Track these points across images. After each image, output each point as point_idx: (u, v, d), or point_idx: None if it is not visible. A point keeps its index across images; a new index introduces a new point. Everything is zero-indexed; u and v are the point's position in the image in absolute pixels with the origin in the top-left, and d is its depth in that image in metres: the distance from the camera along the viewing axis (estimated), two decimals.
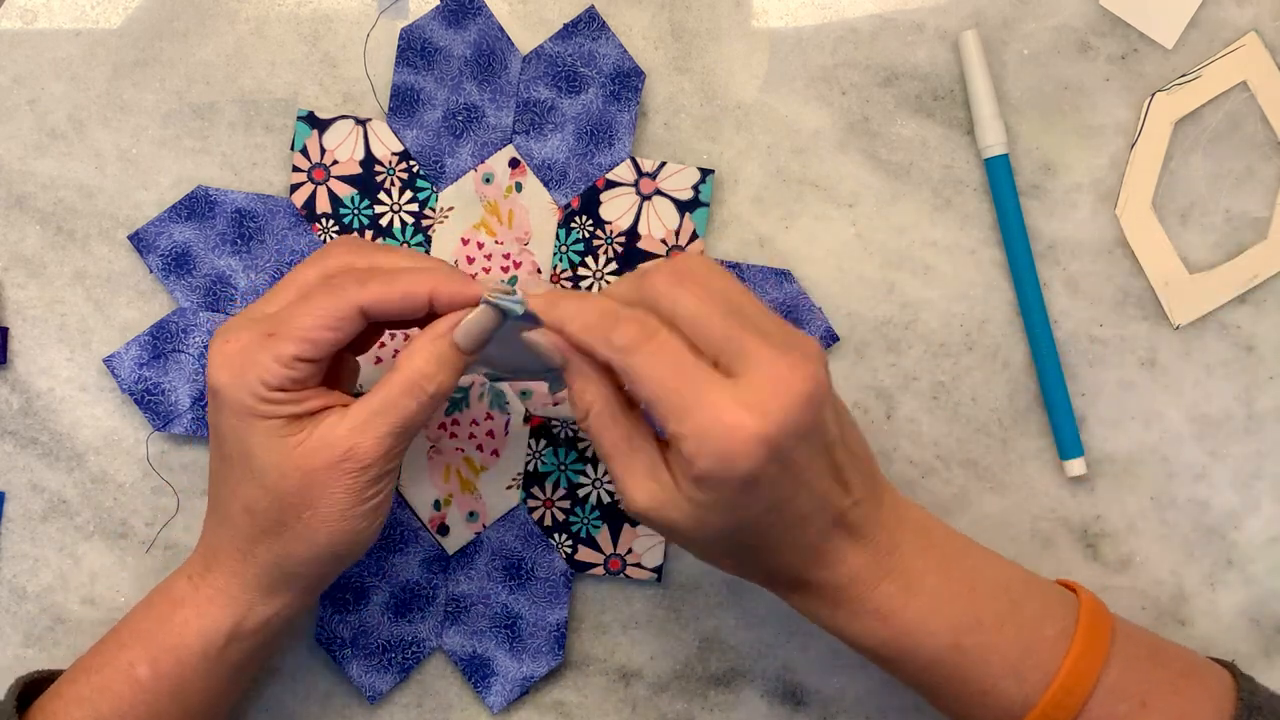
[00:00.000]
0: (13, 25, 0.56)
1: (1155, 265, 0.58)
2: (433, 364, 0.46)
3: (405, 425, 0.46)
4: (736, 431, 0.41)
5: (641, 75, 0.56)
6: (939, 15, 0.58)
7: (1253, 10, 0.58)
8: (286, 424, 0.46)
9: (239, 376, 0.45)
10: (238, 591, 0.48)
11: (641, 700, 0.59)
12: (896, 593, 0.46)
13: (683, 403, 0.42)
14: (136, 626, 0.49)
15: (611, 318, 0.43)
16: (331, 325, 0.46)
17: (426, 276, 0.47)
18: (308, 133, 0.56)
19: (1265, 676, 0.59)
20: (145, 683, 0.48)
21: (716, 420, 0.41)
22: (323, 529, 0.46)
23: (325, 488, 0.46)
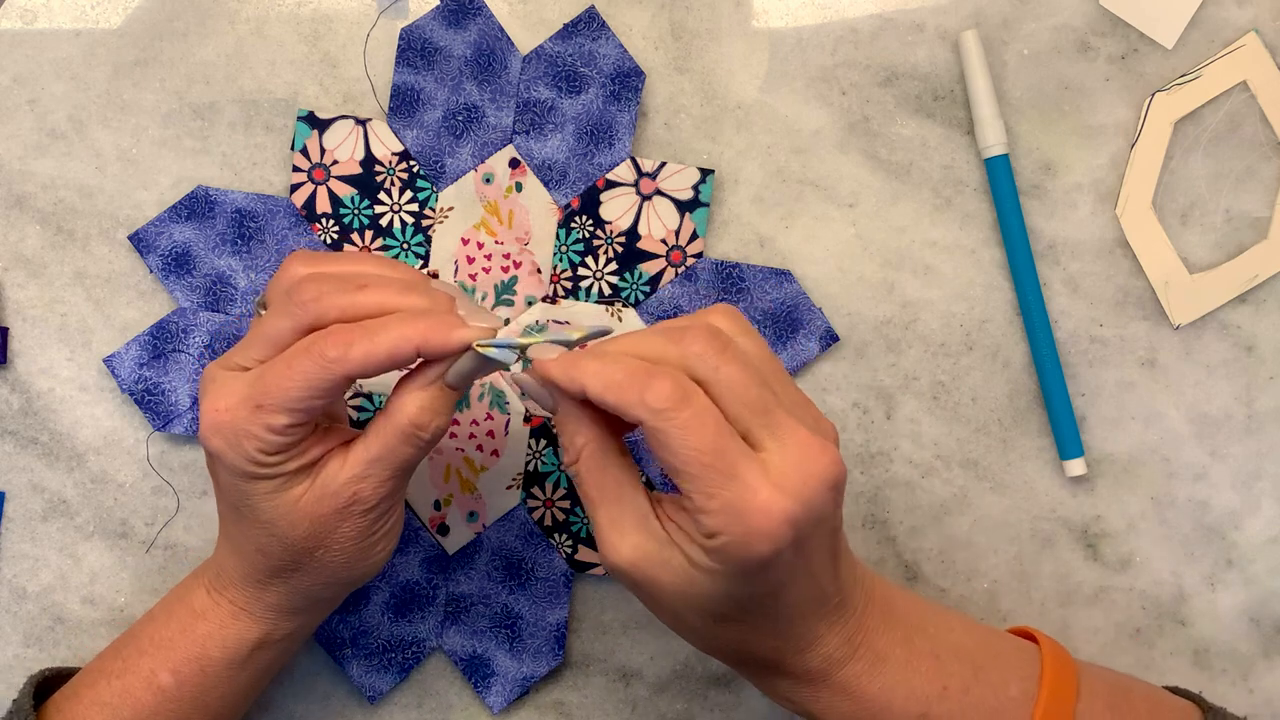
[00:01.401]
0: (13, 25, 0.56)
1: (1155, 265, 0.58)
2: (427, 412, 0.45)
3: (403, 468, 0.46)
4: (768, 512, 0.40)
5: (641, 75, 0.56)
6: (939, 15, 0.58)
7: (1253, 10, 0.58)
8: (286, 480, 0.46)
9: (233, 445, 0.45)
10: (259, 611, 0.49)
11: (641, 700, 0.58)
12: (863, 670, 0.45)
13: (716, 476, 0.40)
14: (157, 634, 0.49)
15: (643, 376, 0.41)
16: (319, 394, 0.44)
17: (410, 327, 0.44)
18: (308, 133, 0.56)
19: (1265, 676, 0.59)
20: (168, 690, 0.48)
21: (750, 499, 0.40)
22: (337, 562, 0.47)
23: (334, 530, 0.46)
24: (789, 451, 0.41)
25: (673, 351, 0.42)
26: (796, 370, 0.58)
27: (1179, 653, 0.59)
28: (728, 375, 0.42)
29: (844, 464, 0.43)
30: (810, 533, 0.42)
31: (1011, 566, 0.59)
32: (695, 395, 0.41)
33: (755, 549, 0.41)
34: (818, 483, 0.41)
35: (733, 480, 0.40)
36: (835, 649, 0.45)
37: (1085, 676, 0.48)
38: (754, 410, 0.41)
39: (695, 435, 0.40)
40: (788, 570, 0.42)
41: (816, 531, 0.42)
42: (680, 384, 0.41)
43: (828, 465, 0.41)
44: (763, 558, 0.41)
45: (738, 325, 0.44)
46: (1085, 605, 0.59)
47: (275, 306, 0.46)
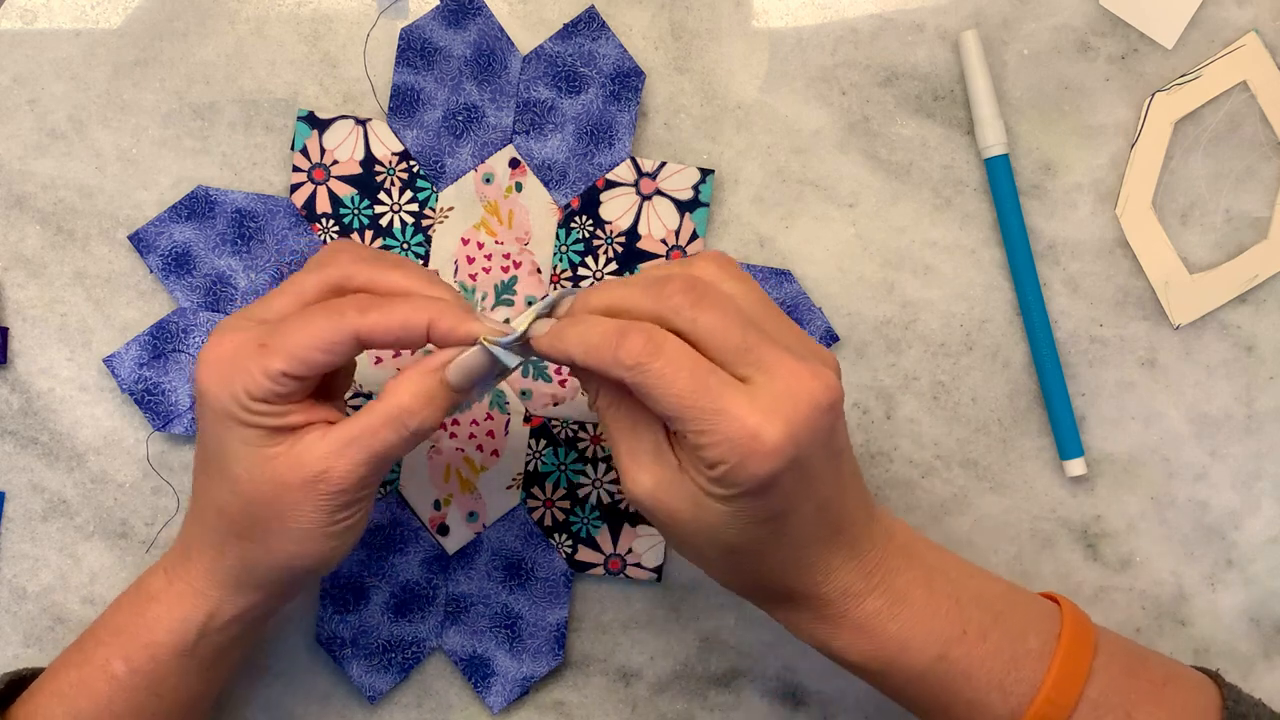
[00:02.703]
0: (13, 25, 0.56)
1: (1155, 265, 0.58)
2: (420, 400, 0.45)
3: (382, 456, 0.46)
4: (759, 437, 0.41)
5: (641, 75, 0.56)
6: (939, 15, 0.58)
7: (1253, 10, 0.58)
8: (265, 435, 0.45)
9: (224, 382, 0.45)
10: (208, 588, 0.48)
11: (641, 700, 0.59)
12: (883, 607, 0.46)
13: (702, 412, 0.42)
14: (112, 622, 0.49)
15: (615, 335, 0.43)
16: (325, 348, 0.45)
17: (426, 307, 0.45)
18: (308, 133, 0.56)
19: (1266, 677, 0.59)
20: (122, 678, 0.48)
21: (739, 427, 0.41)
22: (288, 544, 0.46)
23: (295, 505, 0.45)
24: (777, 381, 0.42)
25: (648, 304, 0.44)
26: None
27: (1179, 653, 0.59)
28: (705, 324, 0.43)
29: (840, 389, 0.43)
30: (808, 455, 0.42)
31: (1011, 566, 0.59)
32: (666, 344, 0.42)
33: (754, 472, 0.42)
34: (808, 405, 0.42)
35: (721, 413, 0.42)
36: (852, 583, 0.46)
37: (1103, 639, 0.48)
38: (736, 352, 0.43)
39: (673, 381, 0.42)
40: (791, 493, 0.43)
41: (814, 455, 0.43)
42: (650, 337, 0.42)
43: (818, 388, 0.42)
44: (762, 480, 0.42)
45: (723, 270, 0.45)
46: (1085, 605, 0.59)
47: (306, 268, 0.48)
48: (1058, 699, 0.46)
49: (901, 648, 0.46)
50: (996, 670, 0.46)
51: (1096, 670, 0.46)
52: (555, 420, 0.57)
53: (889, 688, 0.48)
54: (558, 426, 0.57)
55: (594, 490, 0.57)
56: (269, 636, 0.57)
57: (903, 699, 0.48)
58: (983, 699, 0.46)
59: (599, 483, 0.57)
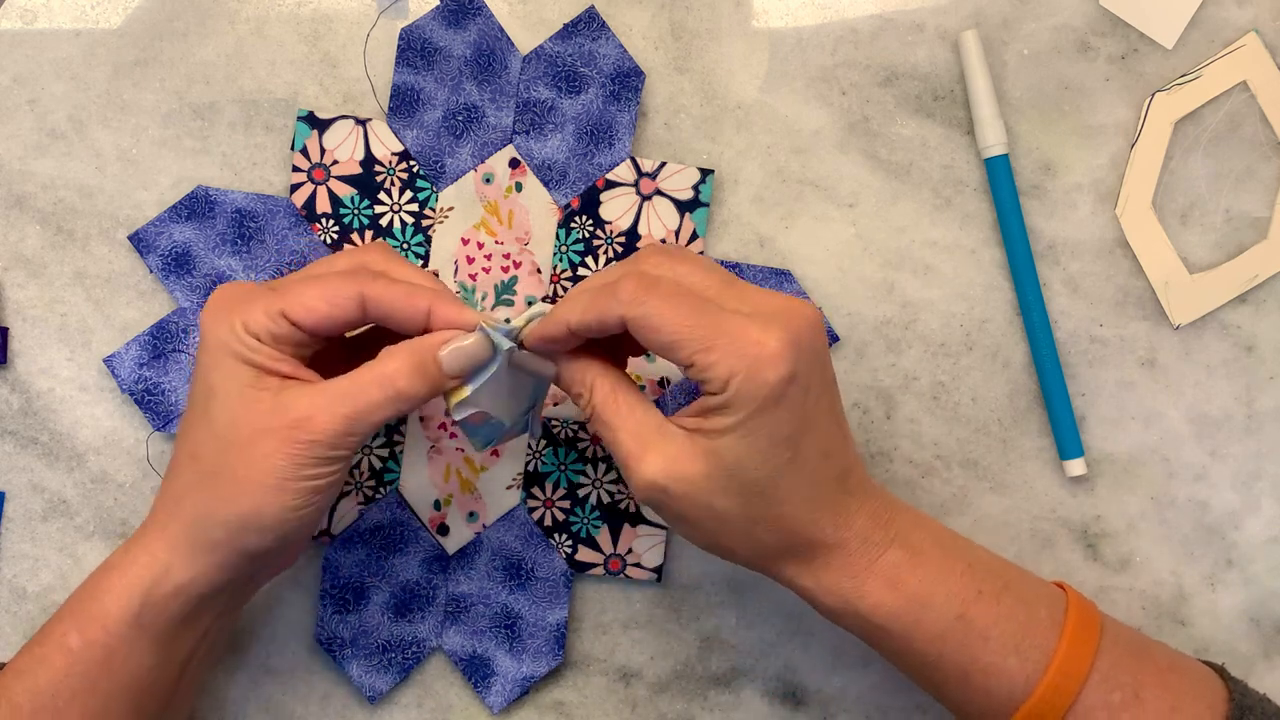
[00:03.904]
0: (13, 25, 0.56)
1: (1155, 265, 0.58)
2: (408, 365, 0.47)
3: (365, 415, 0.46)
4: (764, 342, 0.43)
5: (641, 75, 0.56)
6: (939, 15, 0.58)
7: (1253, 10, 0.58)
8: (254, 374, 0.46)
9: (224, 316, 0.47)
10: (160, 551, 0.47)
11: (641, 700, 0.59)
12: (903, 560, 0.47)
13: (704, 333, 0.43)
14: (74, 596, 0.49)
15: (609, 286, 0.45)
16: (328, 299, 0.47)
17: (432, 293, 0.48)
18: (308, 133, 0.56)
19: (1266, 677, 0.59)
20: (76, 651, 0.47)
21: (741, 339, 0.43)
22: (250, 493, 0.46)
23: (269, 451, 0.46)
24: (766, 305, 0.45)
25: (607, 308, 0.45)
26: None
27: None
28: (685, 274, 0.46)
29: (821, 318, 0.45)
30: (808, 371, 0.44)
31: None
32: (660, 280, 0.45)
33: (766, 376, 0.43)
34: (800, 319, 0.44)
35: (721, 330, 0.44)
36: (871, 530, 0.47)
37: (1109, 622, 0.48)
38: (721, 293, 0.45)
39: (672, 309, 0.44)
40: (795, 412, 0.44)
41: (813, 371, 0.45)
42: (642, 277, 0.45)
43: (805, 310, 0.45)
44: (773, 386, 0.43)
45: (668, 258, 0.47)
46: None
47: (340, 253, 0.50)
48: (1070, 669, 0.46)
49: (924, 602, 0.47)
50: (1013, 634, 0.47)
51: (1104, 649, 0.47)
52: (555, 420, 0.57)
53: (912, 650, 0.48)
54: (558, 426, 0.57)
55: (594, 490, 0.57)
56: (269, 636, 0.57)
57: (923, 663, 0.48)
58: (1000, 663, 0.46)
59: (599, 483, 0.57)
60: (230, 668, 0.57)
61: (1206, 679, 0.49)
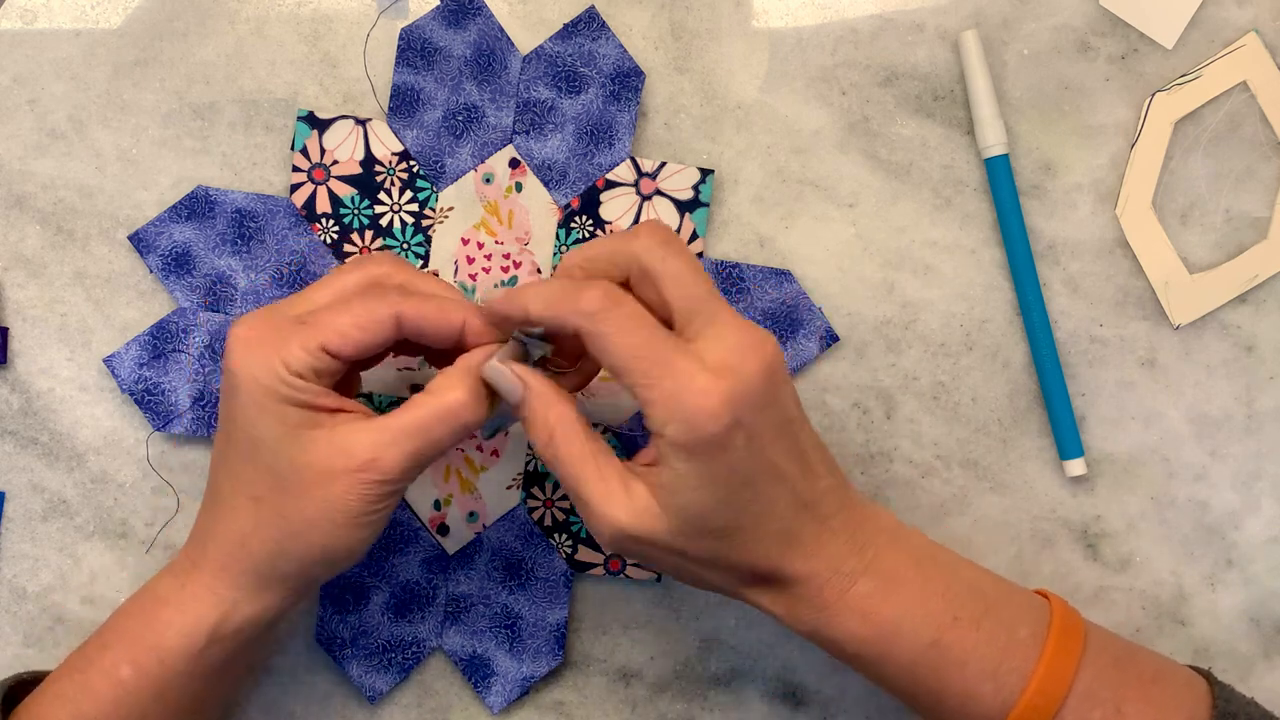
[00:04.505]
0: (13, 25, 0.56)
1: (1155, 265, 0.58)
2: (470, 395, 0.46)
3: (431, 449, 0.46)
4: (704, 395, 0.42)
5: (641, 75, 0.56)
6: (939, 15, 0.58)
7: (1253, 10, 0.58)
8: (303, 414, 0.46)
9: (261, 359, 0.45)
10: (223, 589, 0.48)
11: (641, 700, 0.59)
12: (875, 589, 0.46)
13: (652, 367, 0.43)
14: (121, 626, 0.49)
15: (574, 288, 0.44)
16: (366, 326, 0.46)
17: (463, 305, 0.48)
18: (308, 133, 0.56)
19: (1266, 676, 0.59)
20: (128, 683, 0.47)
21: (685, 385, 0.43)
22: (325, 530, 0.46)
23: (337, 492, 0.46)
24: (726, 338, 0.44)
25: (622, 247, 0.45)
26: (796, 370, 0.57)
27: (1179, 653, 0.59)
28: (675, 265, 0.45)
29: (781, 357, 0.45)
30: (756, 418, 0.43)
31: (1011, 566, 0.59)
32: (625, 300, 0.44)
33: (701, 429, 0.42)
34: (754, 364, 0.43)
35: (669, 369, 0.43)
36: (843, 560, 0.46)
37: (1093, 634, 0.48)
38: (698, 297, 0.44)
39: (629, 333, 0.43)
40: (746, 457, 0.43)
41: (763, 417, 0.44)
42: (609, 291, 0.44)
43: (764, 353, 0.44)
44: (711, 438, 0.43)
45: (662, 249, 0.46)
46: (1085, 605, 0.59)
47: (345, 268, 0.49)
48: (1048, 690, 0.46)
49: (896, 631, 0.46)
50: (989, 659, 0.46)
51: (1086, 664, 0.46)
52: None
53: (884, 676, 0.48)
54: None
55: None
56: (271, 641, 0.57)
57: (897, 687, 0.48)
58: (975, 689, 0.46)
59: None
60: None
61: (1191, 686, 0.48)
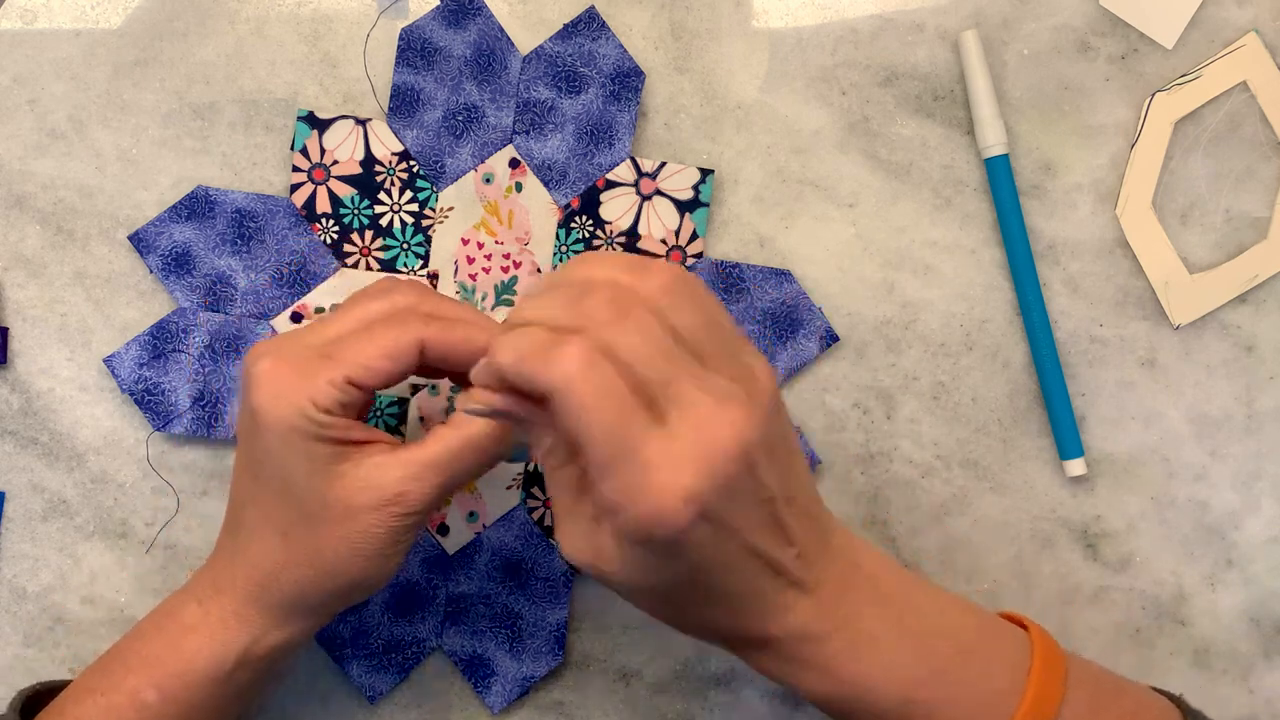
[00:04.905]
0: (13, 25, 0.56)
1: (1155, 265, 0.58)
2: (494, 425, 0.46)
3: (458, 480, 0.46)
4: (664, 491, 0.38)
5: (641, 75, 0.56)
6: (939, 15, 0.58)
7: (1253, 10, 0.58)
8: (332, 450, 0.45)
9: (287, 396, 0.44)
10: (252, 616, 0.48)
11: (641, 700, 0.58)
12: (846, 648, 0.43)
13: (612, 451, 0.38)
14: (144, 649, 0.49)
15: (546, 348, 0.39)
16: (391, 355, 0.45)
17: (489, 327, 0.47)
18: (308, 133, 0.56)
19: (1266, 677, 0.59)
20: (153, 707, 0.47)
21: (646, 479, 0.38)
22: (355, 564, 0.46)
23: (367, 526, 0.46)
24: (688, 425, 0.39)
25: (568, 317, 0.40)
26: (796, 370, 0.57)
27: (1179, 653, 0.59)
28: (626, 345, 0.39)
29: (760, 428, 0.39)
30: (726, 507, 0.39)
31: (1011, 566, 0.59)
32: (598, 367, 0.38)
33: (656, 531, 0.39)
34: (721, 457, 0.38)
35: (630, 459, 0.38)
36: (809, 622, 0.43)
37: (1073, 671, 0.46)
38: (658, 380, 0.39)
39: (595, 411, 0.38)
40: (712, 547, 0.40)
41: (735, 505, 0.39)
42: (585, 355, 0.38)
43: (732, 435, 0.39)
44: (667, 539, 0.39)
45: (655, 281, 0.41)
46: (1085, 605, 0.59)
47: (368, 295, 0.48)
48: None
49: (866, 689, 0.44)
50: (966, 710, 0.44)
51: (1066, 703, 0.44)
52: None
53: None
54: None
55: None
56: None
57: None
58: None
59: None
60: None
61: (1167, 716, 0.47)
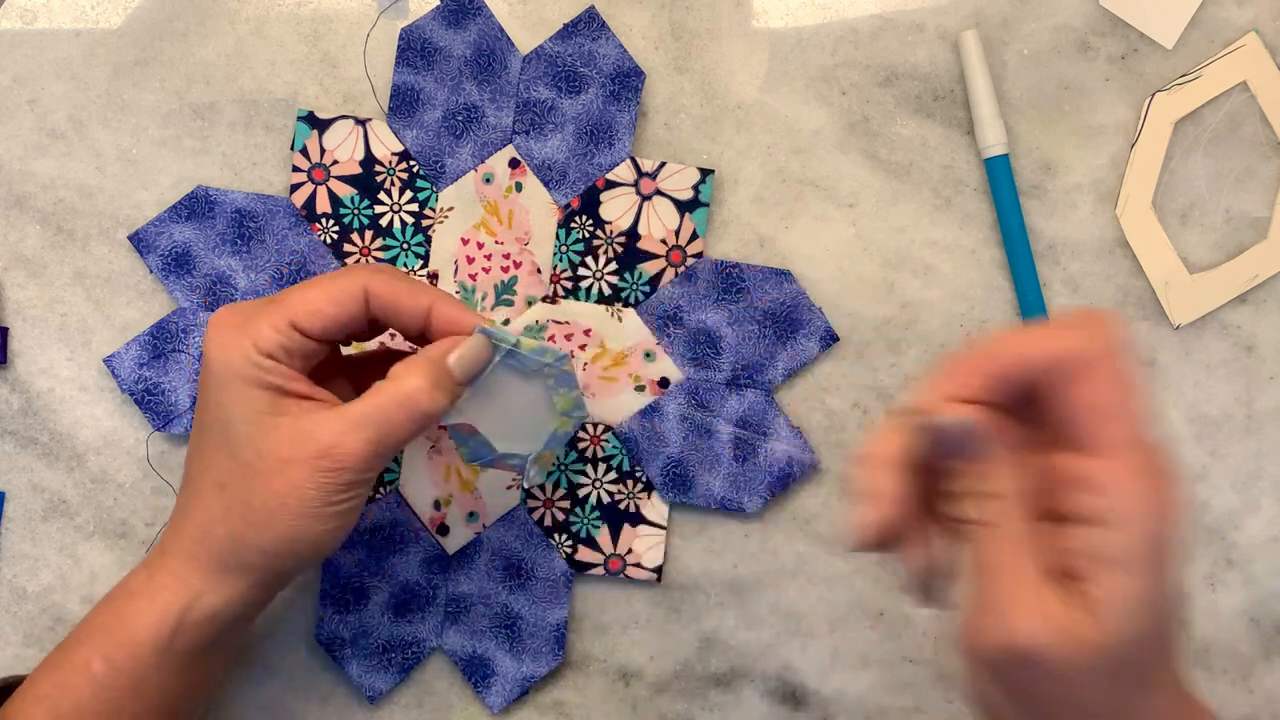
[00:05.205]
0: (13, 25, 0.56)
1: (1155, 265, 0.58)
2: (429, 380, 0.46)
3: (391, 437, 0.45)
4: (1164, 490, 0.34)
5: (641, 75, 0.56)
6: (939, 15, 0.58)
7: (1253, 10, 0.58)
8: (270, 399, 0.45)
9: (232, 339, 0.45)
10: (189, 575, 0.47)
11: (641, 700, 0.59)
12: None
13: (1124, 439, 0.34)
14: (94, 622, 0.48)
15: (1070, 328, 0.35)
16: (335, 298, 0.46)
17: (434, 292, 0.47)
18: (308, 133, 0.56)
19: (1266, 677, 0.59)
20: (102, 678, 0.47)
21: (1147, 469, 0.34)
22: (284, 519, 0.46)
23: (296, 480, 0.45)
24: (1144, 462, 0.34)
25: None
26: (796, 370, 0.57)
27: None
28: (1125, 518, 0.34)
29: (1171, 577, 0.34)
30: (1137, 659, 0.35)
31: None
32: (1010, 519, 0.35)
33: (1162, 528, 0.34)
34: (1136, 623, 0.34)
35: (1129, 448, 0.34)
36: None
37: None
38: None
39: (993, 551, 0.34)
40: (1171, 576, 0.35)
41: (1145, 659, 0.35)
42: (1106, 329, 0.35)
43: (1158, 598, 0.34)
44: (1164, 543, 0.34)
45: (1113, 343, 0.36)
46: None
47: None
48: None
49: None
50: None
51: None
52: None
53: None
54: None
55: (594, 490, 0.57)
56: (269, 636, 0.57)
57: None
58: None
59: (599, 483, 0.57)
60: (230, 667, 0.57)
61: None
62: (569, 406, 0.50)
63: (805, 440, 0.57)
